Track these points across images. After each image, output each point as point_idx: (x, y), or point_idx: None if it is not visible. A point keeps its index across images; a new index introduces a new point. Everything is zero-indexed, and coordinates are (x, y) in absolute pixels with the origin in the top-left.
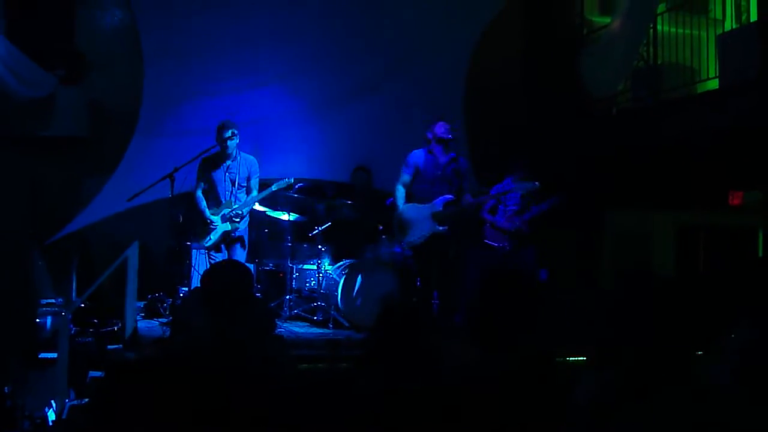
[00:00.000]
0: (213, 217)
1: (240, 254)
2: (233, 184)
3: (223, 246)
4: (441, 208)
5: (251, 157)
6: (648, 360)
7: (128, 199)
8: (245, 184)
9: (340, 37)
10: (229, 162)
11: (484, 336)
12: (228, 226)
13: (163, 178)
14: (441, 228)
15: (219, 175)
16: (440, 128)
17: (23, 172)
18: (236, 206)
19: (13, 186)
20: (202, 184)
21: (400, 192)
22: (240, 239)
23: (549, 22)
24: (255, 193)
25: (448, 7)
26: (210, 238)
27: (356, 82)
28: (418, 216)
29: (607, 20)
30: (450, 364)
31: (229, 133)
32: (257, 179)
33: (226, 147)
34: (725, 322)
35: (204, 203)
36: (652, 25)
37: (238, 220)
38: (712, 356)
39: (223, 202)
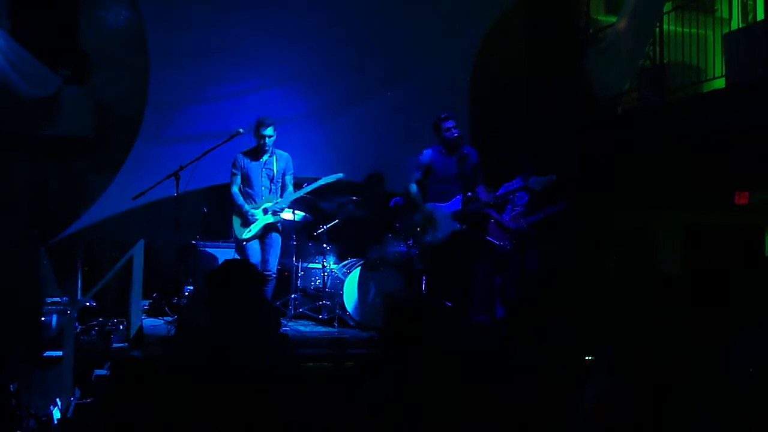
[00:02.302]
0: (253, 211)
1: (277, 240)
2: (270, 180)
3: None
4: (461, 207)
5: (286, 154)
6: (655, 359)
7: (133, 198)
8: (280, 180)
9: (347, 40)
10: (265, 157)
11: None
12: (270, 218)
13: (168, 177)
14: (461, 227)
15: (255, 170)
16: (446, 127)
17: (28, 170)
18: (281, 200)
19: (18, 184)
20: (238, 179)
21: (414, 189)
22: (276, 226)
23: (554, 21)
24: (291, 189)
25: (454, 9)
26: (250, 230)
27: (363, 84)
28: (437, 216)
29: (613, 19)
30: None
31: (269, 131)
32: (292, 175)
33: (265, 144)
34: (733, 321)
35: (241, 199)
36: (658, 24)
37: (280, 212)
38: (723, 354)
39: (261, 197)
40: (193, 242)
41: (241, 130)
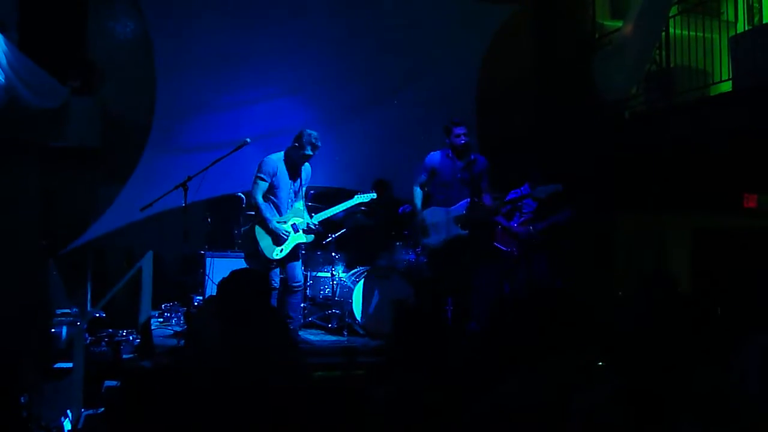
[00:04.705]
0: (283, 227)
1: (300, 264)
2: (295, 193)
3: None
4: (465, 212)
5: (308, 164)
6: (663, 367)
7: (142, 209)
8: (301, 192)
9: (354, 49)
10: (300, 169)
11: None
12: (303, 237)
13: (177, 187)
14: (463, 231)
15: (286, 179)
16: (456, 132)
17: (37, 182)
18: (314, 218)
19: (27, 196)
20: (265, 186)
21: (418, 193)
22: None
23: (560, 26)
24: (302, 201)
25: (460, 15)
26: (282, 250)
27: (370, 92)
28: (439, 219)
29: (619, 24)
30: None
31: (312, 153)
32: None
33: (306, 160)
34: (740, 327)
35: (269, 212)
36: (664, 29)
37: (314, 229)
38: (733, 364)
39: (286, 210)
40: (201, 252)
41: (248, 139)
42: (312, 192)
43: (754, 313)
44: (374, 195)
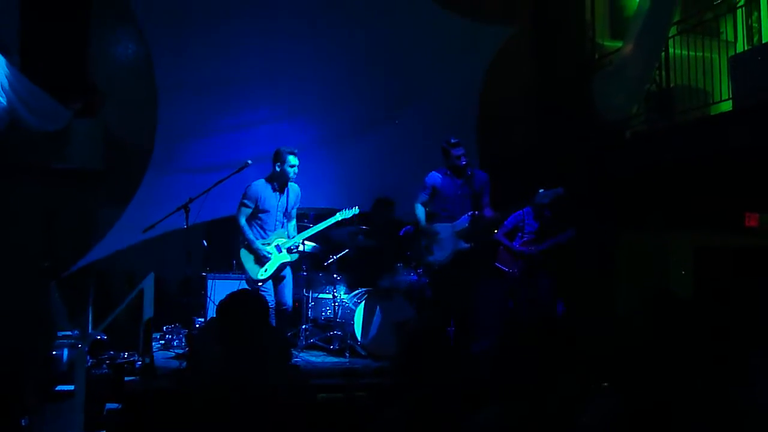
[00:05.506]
0: (267, 248)
1: (290, 274)
2: (284, 215)
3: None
4: (467, 225)
5: (296, 186)
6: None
7: (144, 231)
8: (292, 213)
9: (355, 69)
10: (285, 189)
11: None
12: (287, 257)
13: (178, 209)
14: (465, 245)
15: (272, 203)
16: (455, 154)
17: (39, 204)
18: (296, 237)
19: (30, 218)
20: (249, 211)
21: (420, 210)
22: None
23: (560, 46)
24: (294, 221)
25: (460, 35)
26: (266, 270)
27: (371, 112)
28: (444, 235)
29: (619, 44)
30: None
31: (295, 160)
32: (297, 208)
33: (289, 177)
34: (748, 344)
35: (251, 233)
36: (663, 49)
37: (296, 249)
38: (742, 378)
39: (274, 231)
40: (203, 274)
41: (249, 161)
42: (312, 213)
43: (757, 331)
44: (357, 210)
